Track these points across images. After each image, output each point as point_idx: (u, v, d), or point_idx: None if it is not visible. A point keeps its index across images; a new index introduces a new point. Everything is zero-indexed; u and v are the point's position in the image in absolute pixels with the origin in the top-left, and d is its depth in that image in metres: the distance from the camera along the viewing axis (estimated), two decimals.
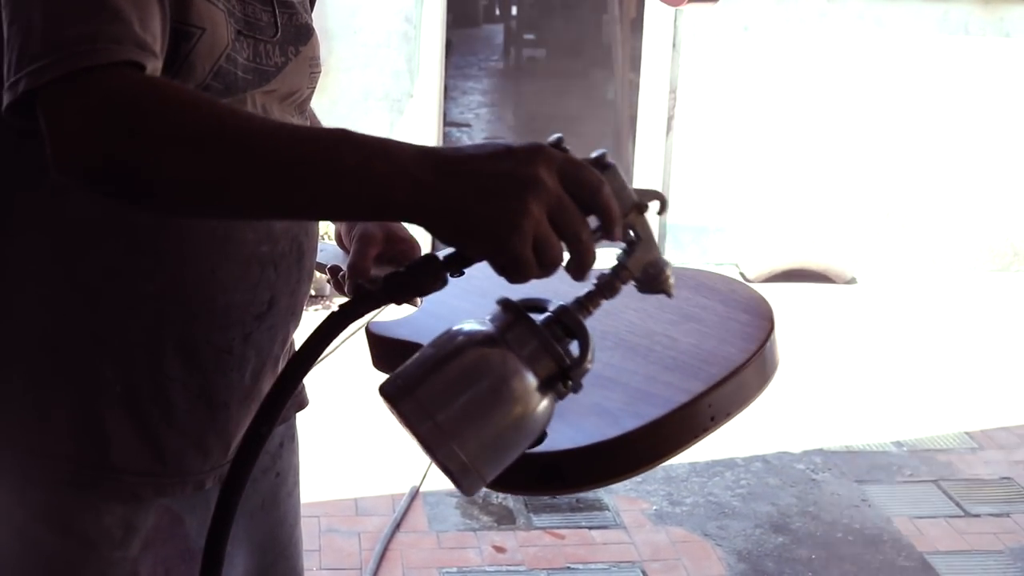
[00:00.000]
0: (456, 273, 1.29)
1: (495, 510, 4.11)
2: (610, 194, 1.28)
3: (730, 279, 1.63)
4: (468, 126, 9.89)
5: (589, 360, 1.29)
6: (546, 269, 1.25)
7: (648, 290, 1.38)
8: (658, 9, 6.59)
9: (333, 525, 3.95)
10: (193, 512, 1.70)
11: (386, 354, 1.66)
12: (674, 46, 6.67)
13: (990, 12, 6.79)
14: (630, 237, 1.34)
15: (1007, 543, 4.03)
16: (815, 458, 4.57)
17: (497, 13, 15.28)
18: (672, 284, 1.38)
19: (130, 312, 1.60)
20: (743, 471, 4.45)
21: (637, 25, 7.73)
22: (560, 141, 1.30)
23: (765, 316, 1.50)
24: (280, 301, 1.68)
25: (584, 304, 1.33)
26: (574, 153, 1.29)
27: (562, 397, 1.29)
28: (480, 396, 1.26)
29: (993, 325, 6.24)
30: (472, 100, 10.93)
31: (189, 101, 1.33)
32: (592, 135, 9.58)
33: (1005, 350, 5.84)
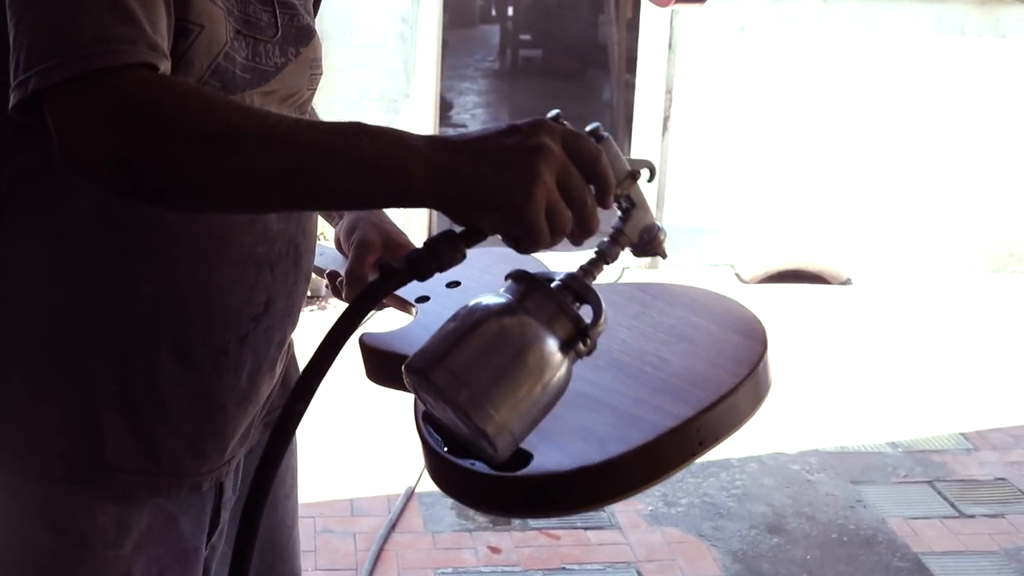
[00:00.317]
0: (471, 245, 1.33)
1: None
2: (607, 163, 1.35)
3: (725, 298, 1.63)
4: (464, 127, 9.90)
5: (603, 320, 1.35)
6: (556, 236, 1.31)
7: (643, 253, 1.46)
8: (654, 10, 6.60)
9: (329, 526, 3.95)
10: (188, 513, 1.70)
11: (379, 366, 1.66)
12: (670, 47, 6.67)
13: (986, 13, 6.79)
14: (624, 204, 1.42)
15: (1002, 544, 4.03)
16: (810, 459, 4.57)
17: (493, 14, 15.29)
18: (666, 247, 1.46)
19: (125, 312, 1.60)
20: (738, 472, 4.45)
21: (633, 26, 7.74)
22: (559, 116, 1.36)
23: (758, 338, 1.50)
24: (277, 303, 1.68)
25: (588, 270, 1.39)
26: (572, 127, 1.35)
27: (581, 356, 1.34)
28: (508, 361, 1.31)
29: (988, 326, 6.24)
30: (468, 101, 10.93)
31: (206, 100, 1.34)
32: None
33: (1000, 351, 5.84)
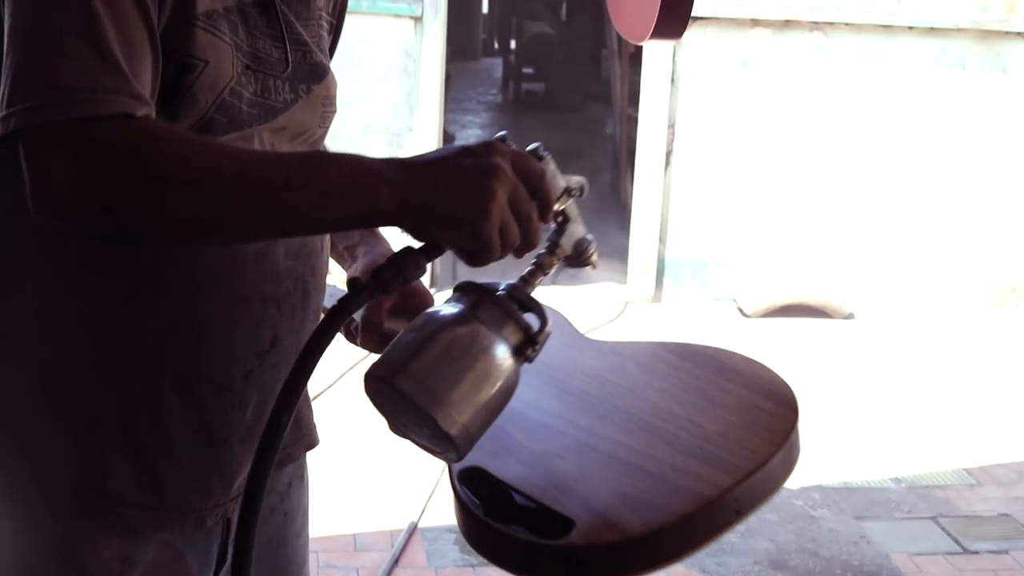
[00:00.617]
0: (431, 260, 1.44)
1: None
2: (550, 181, 1.45)
3: (752, 360, 1.64)
4: None
5: (549, 327, 1.46)
6: (506, 250, 1.41)
7: (575, 264, 1.59)
8: (656, 45, 6.62)
9: (331, 560, 3.94)
10: (194, 549, 1.69)
11: None
12: (673, 81, 6.69)
13: (987, 48, 6.81)
14: (560, 219, 1.53)
15: None
16: (813, 494, 4.56)
17: (496, 47, 15.33)
18: (596, 258, 1.61)
19: (129, 345, 1.60)
20: None
21: (636, 60, 7.76)
22: (505, 137, 1.45)
23: (789, 405, 1.52)
24: (284, 340, 1.67)
25: (528, 280, 1.51)
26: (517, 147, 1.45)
27: (530, 361, 1.46)
28: (465, 366, 1.40)
29: (991, 361, 6.24)
30: (471, 134, 10.95)
31: (183, 145, 1.37)
32: (591, 169, 9.60)
33: (1003, 386, 5.84)
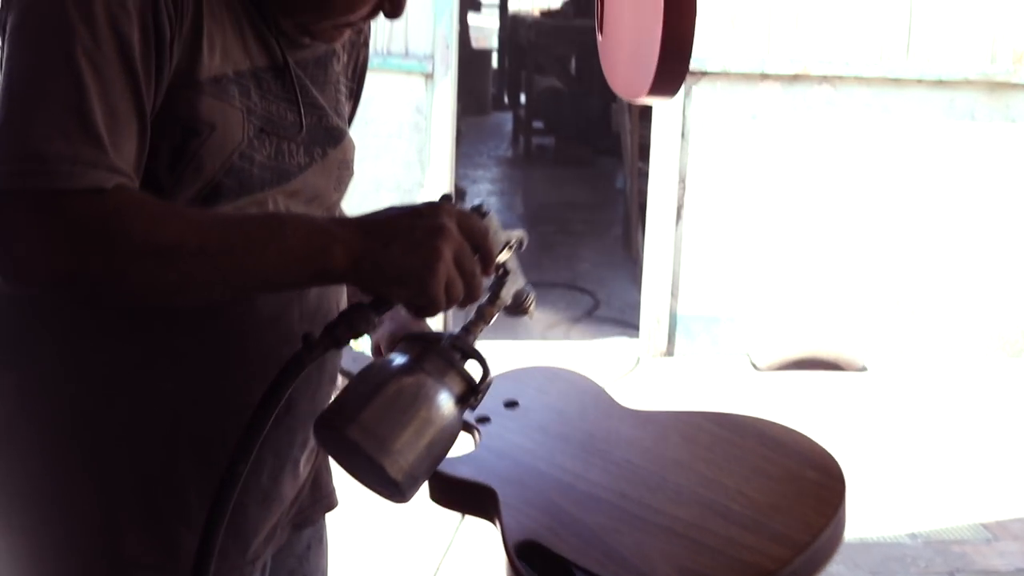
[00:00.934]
0: (380, 315, 1.52)
1: None
2: (492, 238, 1.53)
3: (791, 429, 1.66)
4: None
5: (490, 377, 1.54)
6: (451, 304, 1.49)
7: (515, 313, 1.69)
8: (652, 101, 6.62)
9: None
10: None
11: (447, 490, 1.68)
12: (683, 135, 6.70)
13: (996, 99, 6.83)
14: (501, 271, 1.62)
15: None
16: None
17: (506, 101, 15.38)
18: (534, 308, 1.70)
19: (145, 408, 1.61)
20: None
21: (645, 114, 7.78)
22: (449, 197, 1.55)
23: (835, 475, 1.53)
24: (299, 404, 1.68)
25: (470, 330, 1.60)
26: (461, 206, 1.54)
27: (473, 409, 1.55)
28: (412, 416, 1.47)
29: (1006, 413, 6.20)
30: (482, 189, 10.97)
31: (151, 217, 1.42)
32: (602, 223, 9.62)
33: (1019, 438, 5.80)
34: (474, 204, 1.57)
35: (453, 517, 1.58)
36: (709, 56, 6.53)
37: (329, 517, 1.99)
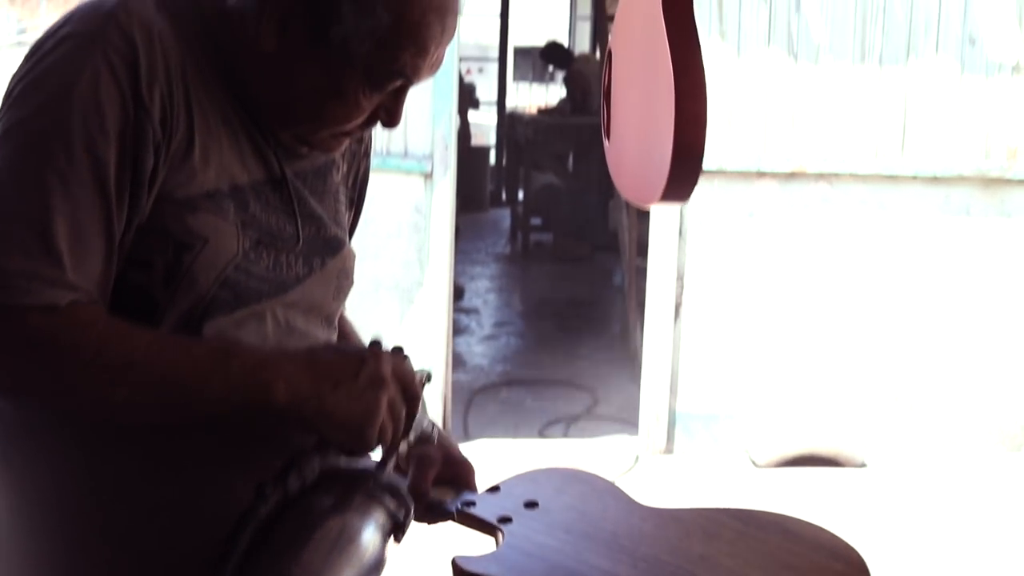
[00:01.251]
0: (324, 459, 1.59)
1: None
2: (418, 382, 1.62)
3: (809, 523, 1.68)
4: (477, 312, 9.93)
5: (411, 511, 1.63)
6: (379, 446, 1.58)
7: (420, 444, 1.77)
8: (665, 207, 6.67)
9: None
10: None
11: None
12: (680, 233, 6.74)
13: (991, 195, 6.87)
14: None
15: None
16: None
17: (504, 198, 15.44)
18: (436, 434, 1.80)
19: (146, 518, 1.61)
20: None
21: (643, 211, 7.82)
22: (379, 343, 1.61)
23: (859, 566, 1.56)
24: None
25: (387, 462, 1.64)
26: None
27: (398, 541, 1.62)
28: (336, 556, 1.51)
29: (1007, 508, 6.18)
30: (480, 286, 10.99)
31: (99, 336, 1.47)
32: (600, 320, 9.62)
33: (1020, 534, 5.78)
34: (395, 346, 1.64)
35: None
36: (706, 155, 6.56)
37: None
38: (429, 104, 6.64)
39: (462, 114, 12.48)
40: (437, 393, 6.55)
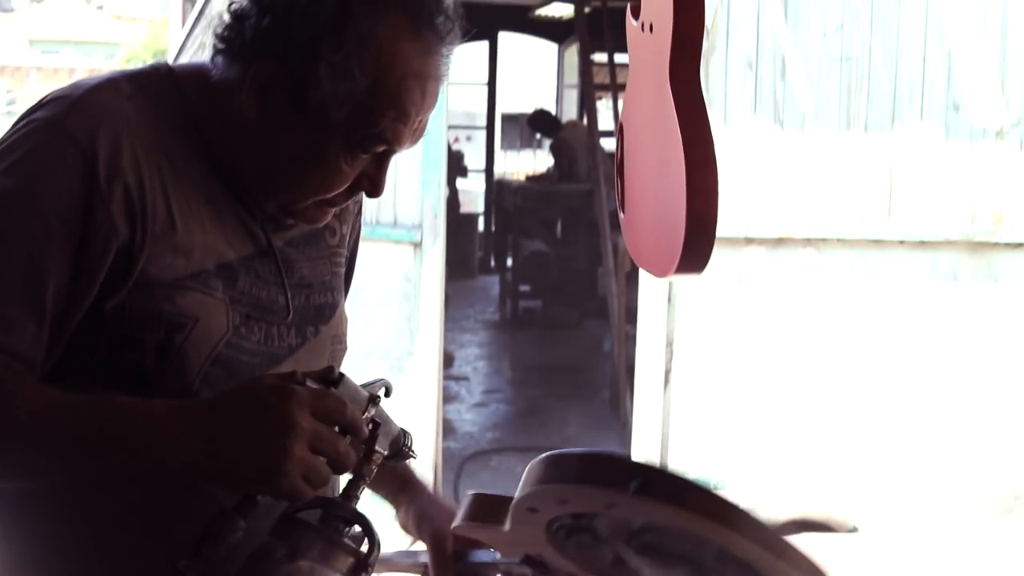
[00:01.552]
0: (248, 515, 1.45)
1: None
2: (352, 410, 1.49)
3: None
4: (466, 379, 9.93)
5: (378, 545, 1.48)
6: (318, 488, 1.44)
7: (396, 458, 1.65)
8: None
9: None
10: None
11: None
12: (669, 300, 6.75)
13: (978, 259, 6.90)
14: (371, 426, 1.56)
15: None
16: None
17: (492, 265, 15.47)
18: (414, 448, 1.68)
19: (121, 571, 1.62)
20: None
21: (632, 278, 7.83)
22: (295, 375, 1.49)
23: None
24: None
25: (351, 493, 1.53)
26: (306, 378, 1.50)
27: None
28: None
29: (997, 572, 6.16)
30: (469, 353, 11.00)
31: None
32: (590, 386, 9.62)
33: None
34: (321, 370, 1.54)
35: None
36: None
37: None
38: (418, 173, 6.66)
39: (450, 182, 12.52)
40: (427, 461, 6.54)
